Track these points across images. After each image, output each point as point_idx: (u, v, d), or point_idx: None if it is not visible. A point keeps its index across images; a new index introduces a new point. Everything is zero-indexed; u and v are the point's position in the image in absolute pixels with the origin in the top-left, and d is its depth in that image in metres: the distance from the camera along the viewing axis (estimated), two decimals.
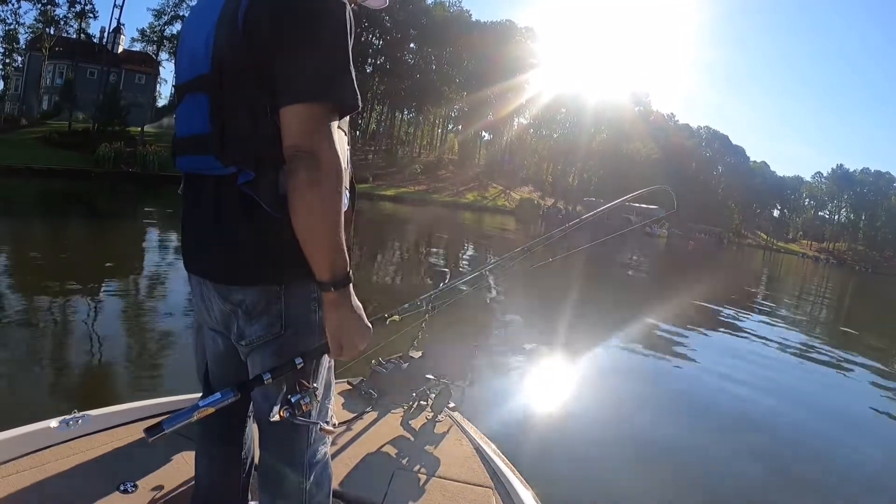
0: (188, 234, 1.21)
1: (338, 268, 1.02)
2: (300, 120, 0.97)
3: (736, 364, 7.22)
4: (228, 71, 1.03)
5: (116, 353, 4.46)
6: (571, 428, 4.24)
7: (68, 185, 21.24)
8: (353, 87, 1.03)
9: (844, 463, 4.51)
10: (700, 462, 4.01)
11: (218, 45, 1.04)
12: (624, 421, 4.58)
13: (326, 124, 0.99)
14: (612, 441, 4.11)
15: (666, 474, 3.72)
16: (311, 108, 0.98)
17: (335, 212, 1.00)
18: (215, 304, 1.18)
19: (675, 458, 3.99)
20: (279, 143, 0.99)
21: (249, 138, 1.02)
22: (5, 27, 38.15)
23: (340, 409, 2.46)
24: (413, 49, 55.84)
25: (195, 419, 0.98)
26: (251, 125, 1.02)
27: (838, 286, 32.48)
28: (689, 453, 4.12)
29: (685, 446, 4.24)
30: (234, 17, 1.01)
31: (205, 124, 1.07)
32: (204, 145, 1.08)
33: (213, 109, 1.06)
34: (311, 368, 1.15)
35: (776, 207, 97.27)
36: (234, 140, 1.04)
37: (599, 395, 5.24)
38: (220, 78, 1.04)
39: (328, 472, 1.31)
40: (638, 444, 4.11)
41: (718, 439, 4.49)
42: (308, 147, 0.97)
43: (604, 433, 4.25)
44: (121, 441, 1.89)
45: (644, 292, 13.69)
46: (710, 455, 4.16)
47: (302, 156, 0.97)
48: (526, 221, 40.47)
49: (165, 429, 0.94)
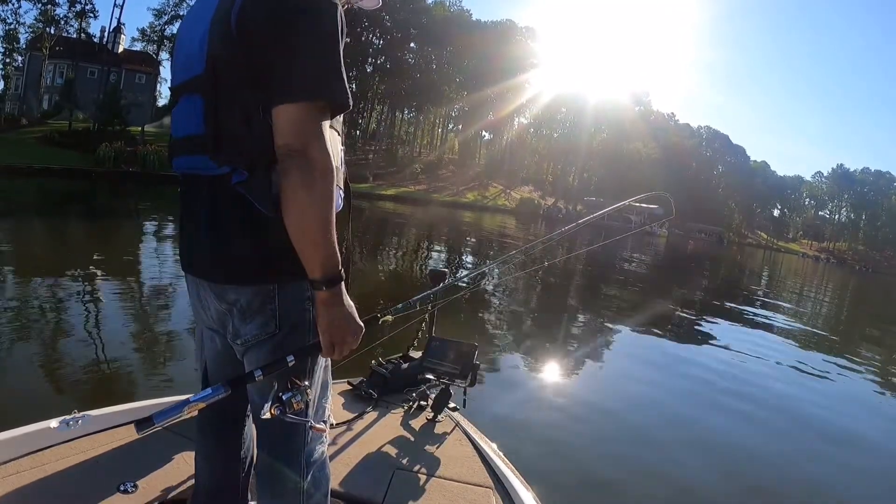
0: (184, 234, 1.22)
1: (329, 266, 1.03)
2: (291, 120, 0.98)
3: (737, 365, 7.20)
4: (222, 71, 1.04)
5: (116, 354, 4.46)
6: (572, 428, 4.24)
7: (68, 185, 21.23)
8: (345, 87, 1.03)
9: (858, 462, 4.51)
10: (700, 462, 4.01)
11: (212, 46, 1.05)
12: (625, 421, 4.58)
13: (317, 124, 0.99)
14: (612, 441, 4.12)
15: (666, 474, 3.72)
16: (302, 107, 0.98)
17: (327, 211, 1.00)
18: (211, 304, 1.19)
19: (676, 458, 3.99)
20: (272, 143, 0.99)
21: (243, 138, 1.03)
22: (6, 27, 38.18)
23: (340, 409, 2.46)
24: (413, 49, 55.87)
25: (186, 414, 0.98)
26: (244, 125, 1.03)
27: (839, 286, 32.46)
28: (689, 453, 4.12)
29: (686, 446, 4.23)
30: (226, 17, 1.01)
31: (199, 125, 1.07)
32: (198, 146, 1.09)
33: (207, 110, 1.06)
34: (303, 367, 1.16)
35: (776, 207, 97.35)
36: (227, 140, 1.04)
37: (600, 395, 5.24)
38: (213, 78, 1.05)
39: (326, 471, 1.31)
40: (639, 445, 4.11)
41: (720, 439, 4.49)
42: (299, 146, 0.97)
43: (604, 433, 4.25)
44: (121, 441, 1.89)
45: (644, 293, 13.69)
46: (711, 455, 4.15)
47: (293, 155, 0.97)
48: (526, 221, 40.48)
49: (156, 423, 0.94)
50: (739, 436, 4.62)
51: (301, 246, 1.01)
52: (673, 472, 3.77)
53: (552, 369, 5.76)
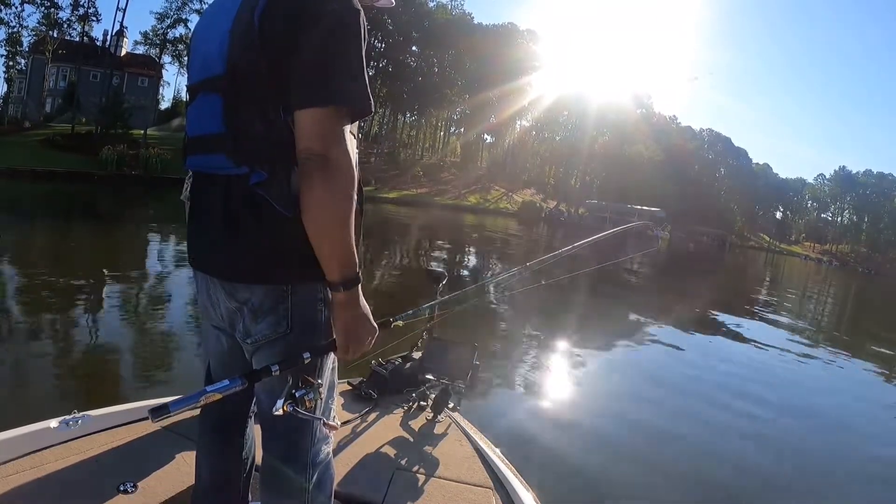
0: (196, 231, 1.22)
1: (348, 269, 1.04)
2: (313, 123, 0.98)
3: (739, 365, 7.20)
4: (242, 72, 1.04)
5: (117, 354, 4.48)
6: (572, 428, 4.24)
7: (71, 188, 21.30)
8: (367, 92, 1.03)
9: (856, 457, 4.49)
10: (701, 463, 4.00)
11: (233, 47, 1.05)
12: (625, 421, 4.57)
13: (339, 128, 1.00)
14: (612, 442, 4.11)
15: (667, 475, 3.71)
16: (325, 112, 0.99)
17: (346, 214, 1.01)
18: (222, 302, 1.19)
19: (676, 458, 3.98)
20: (292, 145, 1.00)
21: (263, 139, 1.03)
22: (8, 30, 38.21)
23: (340, 409, 2.46)
24: (415, 52, 55.87)
25: (202, 404, 0.98)
26: (265, 126, 1.03)
27: (843, 288, 32.37)
28: (690, 454, 4.10)
29: (686, 447, 4.22)
30: (250, 18, 1.02)
31: (218, 124, 1.07)
32: (216, 145, 1.09)
33: (226, 110, 1.06)
34: (316, 365, 1.16)
35: (778, 209, 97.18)
36: (247, 141, 1.04)
37: (600, 395, 5.23)
38: (233, 79, 1.05)
39: (331, 472, 1.31)
40: (639, 445, 4.11)
41: (721, 440, 4.48)
42: (321, 150, 0.98)
43: (604, 434, 4.24)
44: (121, 441, 1.89)
45: (645, 293, 13.66)
46: (713, 456, 4.14)
47: (315, 159, 0.98)
48: (528, 224, 40.44)
49: (172, 410, 0.92)
50: (743, 437, 4.61)
51: (320, 248, 1.02)
52: (674, 472, 3.77)
53: (553, 369, 5.75)
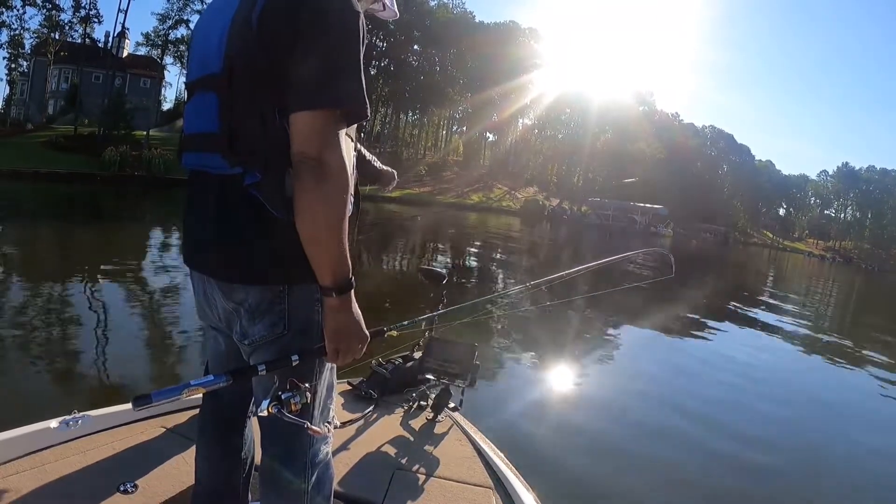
0: (192, 231, 1.21)
1: (340, 274, 1.03)
2: (308, 127, 0.97)
3: (740, 365, 7.17)
4: (239, 71, 1.03)
5: (117, 354, 4.48)
6: (573, 428, 4.23)
7: (74, 189, 21.36)
8: (363, 96, 1.03)
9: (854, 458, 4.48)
10: (702, 463, 3.99)
11: (230, 46, 1.05)
12: (625, 421, 4.56)
13: (334, 132, 0.99)
14: (613, 442, 4.10)
15: (667, 475, 3.70)
16: (320, 115, 0.98)
17: (340, 219, 1.00)
18: (218, 302, 1.18)
19: (677, 459, 3.97)
20: (287, 147, 0.99)
21: (258, 140, 1.02)
22: (11, 32, 38.28)
23: (340, 409, 2.45)
24: (417, 51, 55.87)
25: (184, 397, 0.98)
26: (260, 127, 1.02)
27: (847, 285, 32.26)
28: (691, 454, 4.09)
29: (687, 447, 4.21)
30: (248, 18, 1.01)
31: (213, 123, 1.07)
32: (211, 143, 1.08)
33: (221, 109, 1.06)
34: (309, 368, 1.15)
35: (782, 206, 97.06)
36: (241, 141, 1.04)
37: (600, 395, 5.22)
38: (230, 78, 1.04)
39: (330, 472, 1.30)
40: (639, 445, 4.09)
41: (722, 440, 4.46)
42: (315, 154, 0.97)
43: (605, 434, 4.23)
44: (121, 441, 1.89)
45: (647, 292, 13.62)
46: (713, 456, 4.12)
47: (309, 162, 0.97)
48: (531, 222, 40.41)
49: (154, 401, 0.94)
50: (744, 437, 4.59)
51: (312, 252, 1.01)
52: (674, 473, 3.75)
53: (554, 369, 5.74)
